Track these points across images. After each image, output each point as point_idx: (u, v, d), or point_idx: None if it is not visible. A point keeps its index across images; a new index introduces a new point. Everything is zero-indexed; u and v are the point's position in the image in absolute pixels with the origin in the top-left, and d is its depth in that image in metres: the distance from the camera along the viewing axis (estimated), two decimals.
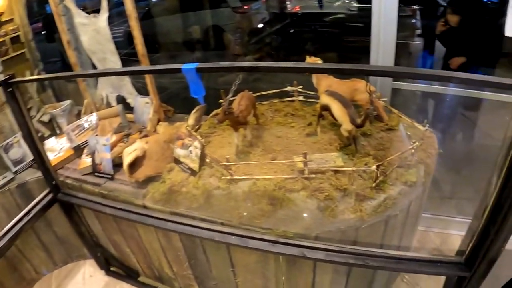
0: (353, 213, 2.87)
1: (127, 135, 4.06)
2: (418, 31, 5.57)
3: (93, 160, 3.73)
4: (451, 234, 4.10)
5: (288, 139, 3.42)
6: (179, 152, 3.37)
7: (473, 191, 4.10)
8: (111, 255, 4.38)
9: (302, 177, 2.95)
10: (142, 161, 3.56)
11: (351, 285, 3.48)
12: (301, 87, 3.78)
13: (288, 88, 3.79)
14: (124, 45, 4.51)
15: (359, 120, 3.01)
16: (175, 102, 4.43)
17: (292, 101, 3.91)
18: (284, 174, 3.02)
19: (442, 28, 4.80)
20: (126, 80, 4.24)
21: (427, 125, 3.22)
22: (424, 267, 2.66)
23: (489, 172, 2.41)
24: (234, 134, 3.25)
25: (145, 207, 3.40)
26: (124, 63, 4.14)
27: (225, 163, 3.03)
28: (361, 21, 5.54)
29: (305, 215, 2.89)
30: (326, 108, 3.22)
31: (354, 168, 2.94)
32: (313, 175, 2.95)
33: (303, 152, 2.87)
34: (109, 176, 3.63)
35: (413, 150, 3.09)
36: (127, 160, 3.48)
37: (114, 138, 3.99)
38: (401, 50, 3.90)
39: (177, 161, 3.40)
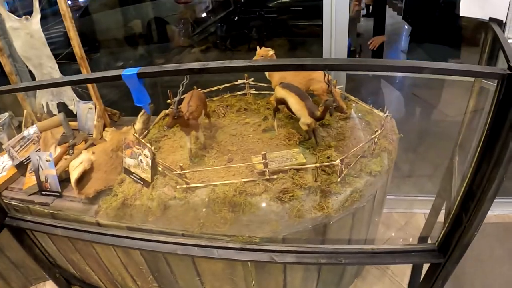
0: (320, 210, 2.56)
1: (72, 146, 3.52)
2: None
3: (37, 178, 3.19)
4: (414, 213, 3.87)
5: (244, 137, 3.04)
6: (129, 161, 2.89)
7: (432, 169, 3.90)
8: (71, 274, 3.87)
9: (263, 179, 2.56)
10: (91, 174, 3.07)
11: (323, 280, 3.19)
12: (252, 79, 3.37)
13: (239, 82, 3.38)
14: (64, 45, 3.88)
15: (318, 112, 2.65)
16: (121, 104, 3.91)
17: (244, 94, 3.51)
18: (243, 177, 2.65)
19: (356, 7, 4.53)
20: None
21: (387, 111, 2.89)
22: (398, 258, 2.41)
23: (444, 148, 2.10)
24: (186, 138, 2.81)
25: (99, 224, 2.91)
26: (63, 67, 3.55)
27: (178, 172, 2.59)
28: (308, 4, 5.12)
29: (270, 218, 2.51)
30: (282, 101, 2.83)
31: (317, 164, 2.59)
32: (275, 176, 2.56)
33: (262, 152, 2.48)
34: (57, 194, 3.11)
35: (376, 140, 2.76)
36: (73, 175, 2.98)
37: (58, 150, 3.43)
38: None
39: (127, 171, 2.93)
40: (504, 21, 2.55)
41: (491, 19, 2.57)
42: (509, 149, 1.68)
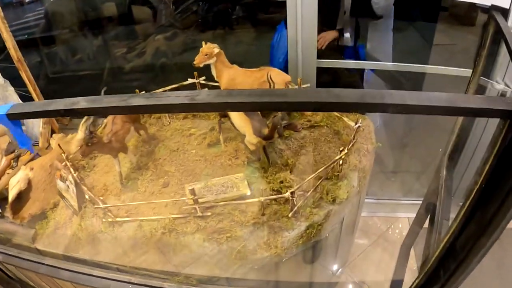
0: (267, 250, 1.91)
1: (17, 158, 2.95)
2: None
3: None
4: (398, 218, 3.17)
5: (186, 153, 2.41)
6: (60, 184, 2.32)
7: (418, 170, 3.14)
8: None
9: (194, 216, 1.93)
10: (29, 194, 2.55)
11: None
12: (203, 78, 2.63)
13: (189, 81, 2.64)
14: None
15: (265, 131, 1.95)
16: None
17: None
18: (177, 207, 2.06)
19: None
20: (10, 89, 3.05)
21: (359, 121, 2.14)
22: None
23: (433, 148, 1.41)
24: (113, 161, 2.17)
25: (38, 250, 2.40)
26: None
27: (100, 206, 1.99)
28: None
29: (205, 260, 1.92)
30: (224, 114, 2.13)
31: (261, 199, 1.91)
32: (209, 213, 1.92)
33: (189, 187, 1.83)
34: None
35: (341, 159, 2.04)
36: (10, 196, 2.43)
37: (3, 162, 2.88)
38: None
39: (61, 194, 2.36)
40: (508, 8, 1.71)
41: (493, 6, 1.73)
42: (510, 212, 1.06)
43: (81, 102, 1.21)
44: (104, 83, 3.98)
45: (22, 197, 2.50)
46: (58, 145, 2.42)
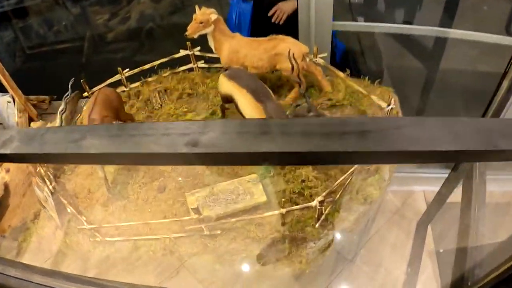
0: (289, 266, 1.45)
1: None
2: None
3: None
4: (413, 191, 2.72)
5: None
6: (38, 193, 1.79)
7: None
8: None
9: (201, 235, 1.43)
10: (7, 200, 2.04)
11: None
12: (198, 49, 2.00)
13: (181, 53, 2.01)
14: None
15: None
16: (52, 83, 2.62)
17: (191, 70, 2.13)
18: (177, 217, 1.51)
19: None
20: None
21: (391, 101, 1.59)
22: None
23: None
24: (95, 166, 1.62)
25: (24, 265, 1.92)
26: None
27: (85, 226, 1.48)
28: None
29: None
30: (229, 99, 1.56)
31: (283, 211, 1.41)
32: (218, 231, 1.42)
33: (193, 207, 1.31)
34: None
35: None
36: None
37: None
38: None
39: (40, 203, 1.82)
40: None
41: None
42: None
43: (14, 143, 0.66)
44: (85, 57, 3.27)
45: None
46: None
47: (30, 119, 2.51)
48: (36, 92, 2.56)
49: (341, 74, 1.90)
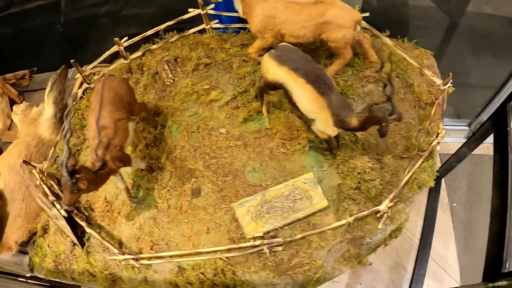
0: (346, 266, 1.14)
1: None
2: None
3: None
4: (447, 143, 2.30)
5: (211, 134, 1.25)
6: (44, 208, 1.25)
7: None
8: None
9: (259, 252, 0.99)
10: (4, 210, 1.51)
11: None
12: (212, 6, 1.31)
13: (192, 13, 1.33)
14: None
15: (353, 121, 0.95)
16: (27, 52, 1.85)
17: (202, 31, 1.44)
18: (223, 226, 1.10)
19: None
20: None
21: (450, 80, 1.07)
22: None
23: None
24: (113, 178, 1.07)
25: (39, 279, 1.48)
26: None
27: (119, 257, 1.01)
28: None
29: None
30: (277, 86, 0.98)
31: (350, 219, 0.99)
32: (280, 248, 0.98)
33: (257, 235, 0.88)
34: None
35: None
36: None
37: None
38: None
39: (47, 213, 1.31)
40: None
41: None
42: None
43: None
44: (63, 15, 2.36)
45: None
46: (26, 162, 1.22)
47: (12, 102, 1.82)
48: (9, 67, 1.81)
49: (388, 41, 1.30)
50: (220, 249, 1.02)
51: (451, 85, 1.22)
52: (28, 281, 1.75)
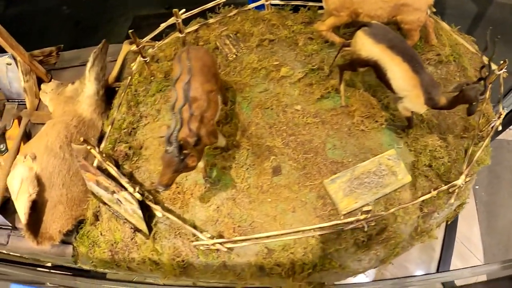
0: (417, 240, 1.17)
1: (2, 135, 1.52)
2: None
3: None
4: None
5: (286, 110, 1.20)
6: (99, 191, 1.14)
7: None
8: None
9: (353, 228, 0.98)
10: (43, 196, 1.32)
11: None
12: None
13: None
14: None
15: (442, 99, 0.99)
16: (46, 28, 1.67)
17: (261, 7, 1.38)
18: (309, 205, 1.06)
19: None
20: None
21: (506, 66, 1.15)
22: None
23: None
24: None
25: (84, 271, 1.37)
26: None
27: (207, 242, 0.95)
28: None
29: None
30: (369, 64, 0.96)
31: (434, 193, 1.05)
32: (373, 223, 0.97)
33: (365, 209, 0.85)
34: (10, 227, 1.42)
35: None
36: (21, 214, 1.29)
37: None
38: None
39: (99, 199, 1.19)
40: None
41: None
42: None
43: None
44: None
45: (35, 205, 1.30)
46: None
47: (39, 81, 1.63)
48: (28, 45, 1.62)
49: (445, 26, 1.34)
50: (323, 225, 0.98)
51: (505, 70, 1.26)
52: (51, 271, 1.62)
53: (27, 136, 1.56)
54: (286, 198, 1.09)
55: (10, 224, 1.42)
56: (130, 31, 1.19)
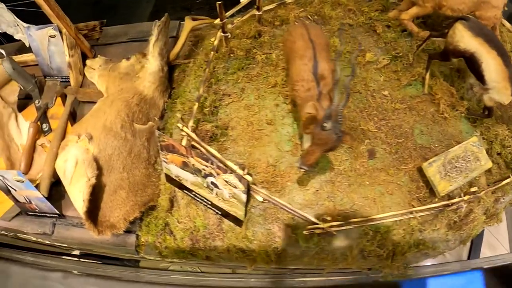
0: (488, 223, 1.27)
1: (44, 113, 1.35)
2: None
3: (13, 199, 1.26)
4: None
5: (375, 96, 1.21)
6: (183, 175, 1.05)
7: None
8: None
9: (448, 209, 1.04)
10: (100, 180, 1.19)
11: None
12: None
13: None
14: None
15: None
16: (71, 11, 1.49)
17: None
18: (405, 188, 1.10)
19: None
20: None
21: None
22: None
23: None
24: (305, 137, 0.97)
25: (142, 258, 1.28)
26: None
27: (320, 225, 0.92)
28: None
29: None
30: (463, 55, 1.02)
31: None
32: (464, 205, 1.04)
33: (444, 194, 0.94)
34: (56, 215, 1.27)
35: None
36: (79, 207, 1.15)
37: (30, 130, 1.31)
38: None
39: (177, 183, 1.11)
40: None
41: None
42: None
43: None
44: None
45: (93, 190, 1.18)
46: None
47: (83, 56, 1.46)
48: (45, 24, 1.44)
49: (507, 23, 1.42)
50: (432, 206, 1.01)
51: None
52: (81, 260, 1.48)
53: (72, 115, 1.41)
54: (384, 181, 1.10)
55: (58, 212, 1.27)
56: (219, 2, 1.12)
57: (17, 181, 1.15)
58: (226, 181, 1.01)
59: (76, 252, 1.52)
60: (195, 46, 1.51)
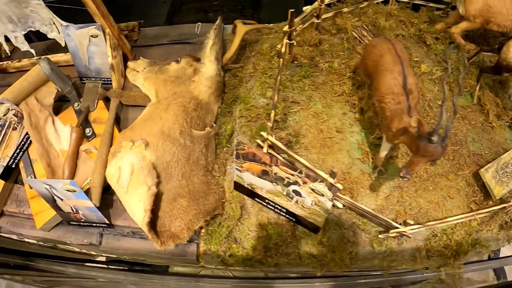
0: None
1: (85, 117, 1.27)
2: None
3: (57, 208, 1.19)
4: None
5: (431, 104, 1.28)
6: (258, 183, 1.05)
7: None
8: None
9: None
10: (159, 190, 1.16)
11: None
12: None
13: None
14: None
15: None
16: (70, 16, 1.41)
17: (385, 2, 1.45)
18: (462, 191, 1.19)
19: None
20: (34, 2, 1.08)
21: None
22: None
23: None
24: (385, 145, 1.02)
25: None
26: None
27: (397, 229, 0.96)
28: None
29: None
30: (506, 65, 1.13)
31: None
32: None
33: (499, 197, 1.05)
34: (105, 225, 1.22)
35: None
36: (138, 217, 1.12)
37: (73, 135, 1.22)
38: None
39: (248, 191, 1.11)
40: None
41: None
42: None
43: None
44: None
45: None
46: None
47: (124, 58, 1.37)
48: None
49: None
50: (494, 208, 1.09)
51: None
52: (110, 266, 1.42)
53: (115, 120, 1.34)
54: (445, 186, 1.18)
55: (107, 221, 1.21)
56: (291, 10, 1.12)
57: (68, 190, 1.08)
58: (312, 189, 1.03)
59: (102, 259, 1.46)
60: (242, 50, 1.51)
